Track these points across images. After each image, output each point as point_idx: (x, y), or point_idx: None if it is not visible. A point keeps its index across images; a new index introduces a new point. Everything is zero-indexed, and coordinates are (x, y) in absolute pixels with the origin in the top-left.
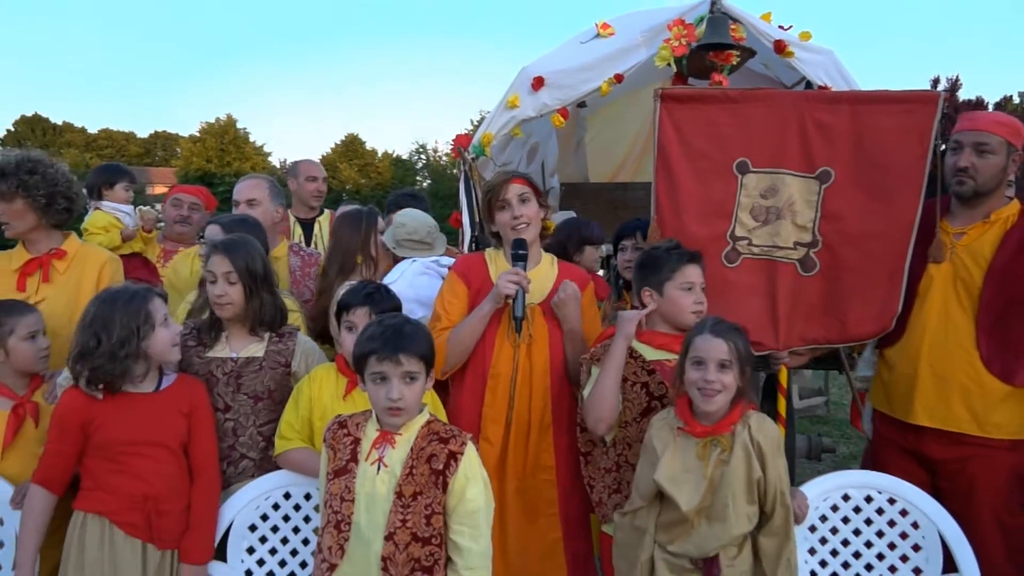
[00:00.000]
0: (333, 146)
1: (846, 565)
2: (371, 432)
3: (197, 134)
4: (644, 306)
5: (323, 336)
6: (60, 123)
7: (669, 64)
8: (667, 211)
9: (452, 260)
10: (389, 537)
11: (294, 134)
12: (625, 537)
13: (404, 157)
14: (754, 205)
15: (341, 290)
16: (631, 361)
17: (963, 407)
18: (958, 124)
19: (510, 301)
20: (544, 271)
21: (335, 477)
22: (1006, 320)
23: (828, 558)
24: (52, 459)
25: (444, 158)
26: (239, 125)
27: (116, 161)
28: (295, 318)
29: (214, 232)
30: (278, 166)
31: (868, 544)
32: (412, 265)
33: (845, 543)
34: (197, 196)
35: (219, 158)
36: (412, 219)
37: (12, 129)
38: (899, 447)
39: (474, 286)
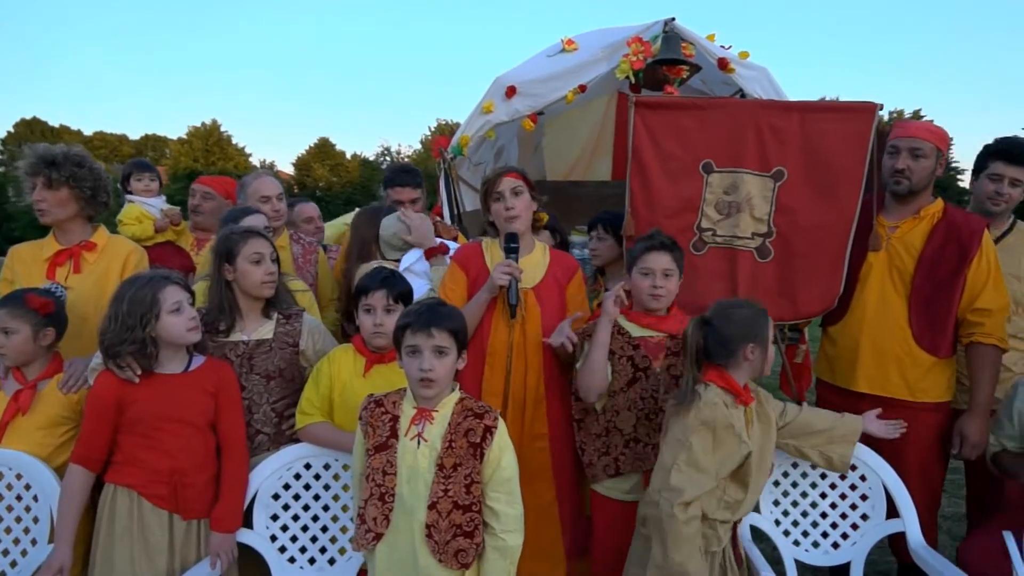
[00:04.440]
0: (308, 148)
1: (805, 514)
2: (408, 410)
3: (185, 136)
4: (625, 289)
5: (351, 315)
6: (57, 126)
7: (628, 76)
8: (641, 206)
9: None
10: (432, 506)
11: (271, 136)
12: (689, 531)
13: (371, 158)
14: (718, 200)
15: (359, 274)
16: (618, 337)
17: (898, 376)
18: (894, 131)
19: (504, 289)
20: (536, 259)
21: (376, 452)
22: (933, 302)
23: (790, 508)
24: (89, 439)
25: (406, 159)
26: (223, 128)
27: (110, 162)
28: (307, 298)
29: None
30: (258, 165)
31: (823, 495)
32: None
33: (804, 495)
34: (209, 186)
35: (205, 158)
36: (394, 226)
37: (12, 131)
38: (840, 410)
39: (472, 274)
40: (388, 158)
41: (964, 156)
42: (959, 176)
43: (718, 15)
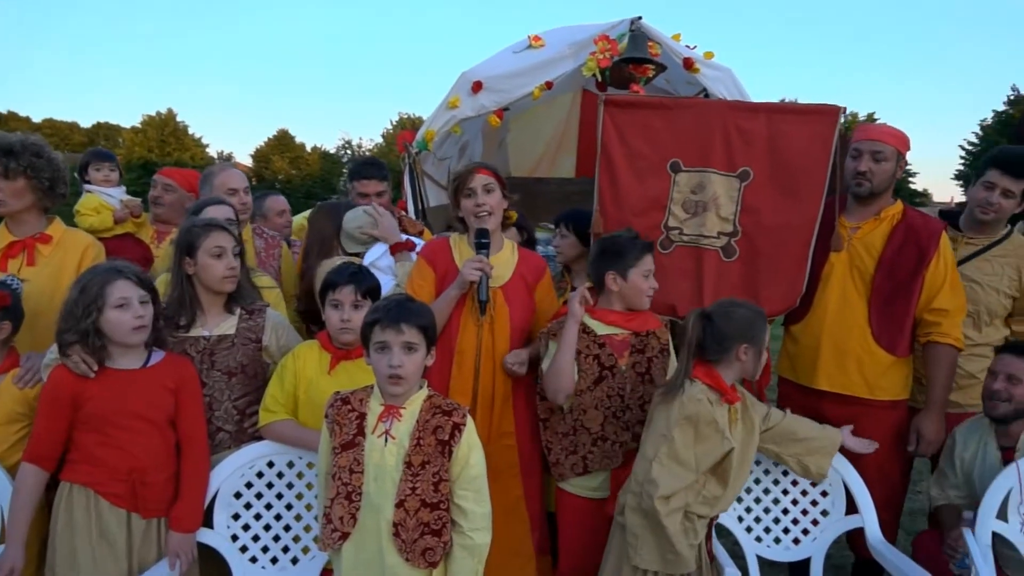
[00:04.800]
0: (267, 140)
1: (767, 510)
2: (375, 407)
3: (139, 125)
4: (604, 287)
5: (309, 315)
6: (4, 112)
7: (594, 74)
8: (609, 204)
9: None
10: (400, 504)
11: (229, 127)
12: (673, 525)
13: (331, 151)
14: (685, 199)
15: (321, 270)
16: (584, 335)
17: (857, 374)
18: (856, 134)
19: (474, 286)
20: (505, 257)
21: (343, 451)
22: (892, 302)
23: (752, 504)
24: (42, 436)
25: (367, 153)
26: (179, 118)
27: (61, 150)
28: (274, 295)
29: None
30: (215, 157)
31: (785, 491)
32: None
33: (766, 491)
34: (171, 178)
35: (160, 148)
36: (359, 219)
37: None
38: (801, 407)
39: (440, 270)
40: (349, 151)
41: (916, 159)
42: (910, 179)
43: (684, 14)
